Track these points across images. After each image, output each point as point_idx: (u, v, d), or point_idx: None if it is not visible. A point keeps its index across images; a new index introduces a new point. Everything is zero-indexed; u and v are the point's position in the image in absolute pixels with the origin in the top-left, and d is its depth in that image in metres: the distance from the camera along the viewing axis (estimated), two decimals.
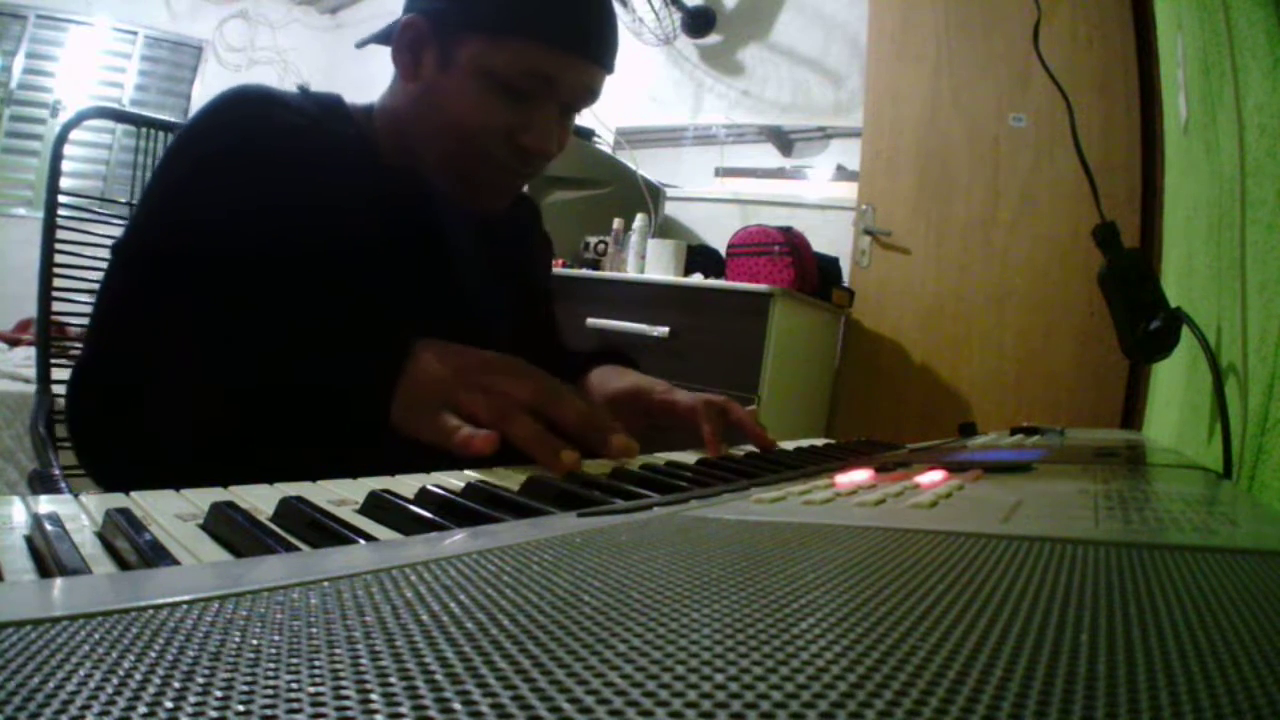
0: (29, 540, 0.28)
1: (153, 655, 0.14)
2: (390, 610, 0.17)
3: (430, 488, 0.40)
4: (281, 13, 4.21)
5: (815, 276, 2.26)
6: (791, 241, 2.19)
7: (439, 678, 0.12)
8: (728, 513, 0.31)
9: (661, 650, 0.13)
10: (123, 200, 1.28)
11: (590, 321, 2.19)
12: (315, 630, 0.15)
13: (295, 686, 0.12)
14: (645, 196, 2.67)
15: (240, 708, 0.11)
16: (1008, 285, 2.28)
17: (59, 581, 0.22)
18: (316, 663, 0.13)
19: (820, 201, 2.79)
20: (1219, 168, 0.77)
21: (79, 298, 1.13)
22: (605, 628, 0.15)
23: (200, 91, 3.94)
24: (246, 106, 0.71)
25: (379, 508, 0.36)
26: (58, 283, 1.12)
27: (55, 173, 1.14)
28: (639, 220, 2.39)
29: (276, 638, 0.15)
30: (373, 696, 0.12)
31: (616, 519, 0.31)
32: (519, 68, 0.69)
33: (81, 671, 0.13)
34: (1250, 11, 0.60)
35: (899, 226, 2.44)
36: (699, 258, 2.35)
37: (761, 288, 2.03)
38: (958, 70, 2.39)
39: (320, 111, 0.75)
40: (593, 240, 2.44)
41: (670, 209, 3.00)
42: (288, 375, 0.58)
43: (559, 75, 0.70)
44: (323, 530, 0.31)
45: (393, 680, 0.12)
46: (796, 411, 2.26)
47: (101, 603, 0.17)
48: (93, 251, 1.12)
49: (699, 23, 3.02)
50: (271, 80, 3.74)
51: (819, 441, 0.84)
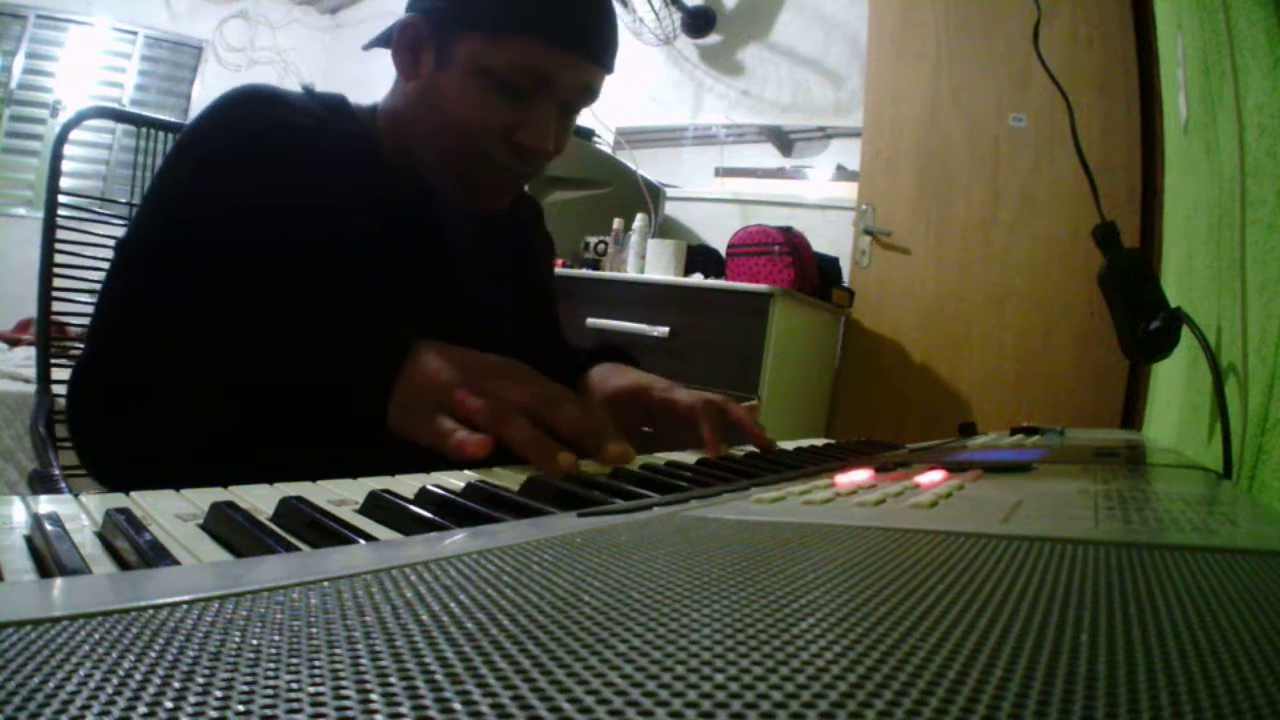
0: (29, 540, 0.28)
1: (153, 655, 0.14)
2: (390, 610, 0.17)
3: (430, 488, 0.40)
4: (281, 13, 4.21)
5: (815, 276, 2.26)
6: (791, 241, 2.19)
7: (439, 678, 0.12)
8: (728, 513, 0.31)
9: (661, 650, 0.13)
10: (123, 200, 1.28)
11: (590, 321, 2.19)
12: (315, 630, 0.15)
13: (295, 686, 0.12)
14: (645, 196, 2.67)
15: (240, 708, 0.11)
16: (1008, 285, 2.28)
17: (59, 581, 0.22)
18: (316, 663, 0.13)
19: (820, 201, 2.79)
20: (1219, 168, 0.77)
21: (79, 298, 1.13)
22: (605, 628, 0.15)
23: (200, 92, 3.94)
24: (252, 105, 0.71)
25: (379, 508, 0.36)
26: (58, 283, 1.12)
27: (55, 173, 1.14)
28: (639, 220, 2.39)
29: (276, 638, 0.15)
30: (373, 696, 0.12)
31: (616, 519, 0.31)
32: (516, 65, 0.69)
33: (81, 671, 0.13)
34: (1250, 11, 0.60)
35: (899, 226, 2.44)
36: (699, 258, 2.35)
37: (761, 288, 2.03)
38: (958, 70, 2.39)
39: (325, 111, 0.75)
40: (593, 240, 2.44)
41: (670, 209, 3.00)
42: (287, 374, 0.58)
43: (556, 73, 0.70)
44: (323, 530, 0.31)
45: (393, 680, 0.12)
46: (796, 411, 2.26)
47: (101, 603, 0.17)
48: (93, 251, 1.12)
49: (699, 23, 3.03)
50: (271, 80, 3.74)
51: (819, 441, 0.84)
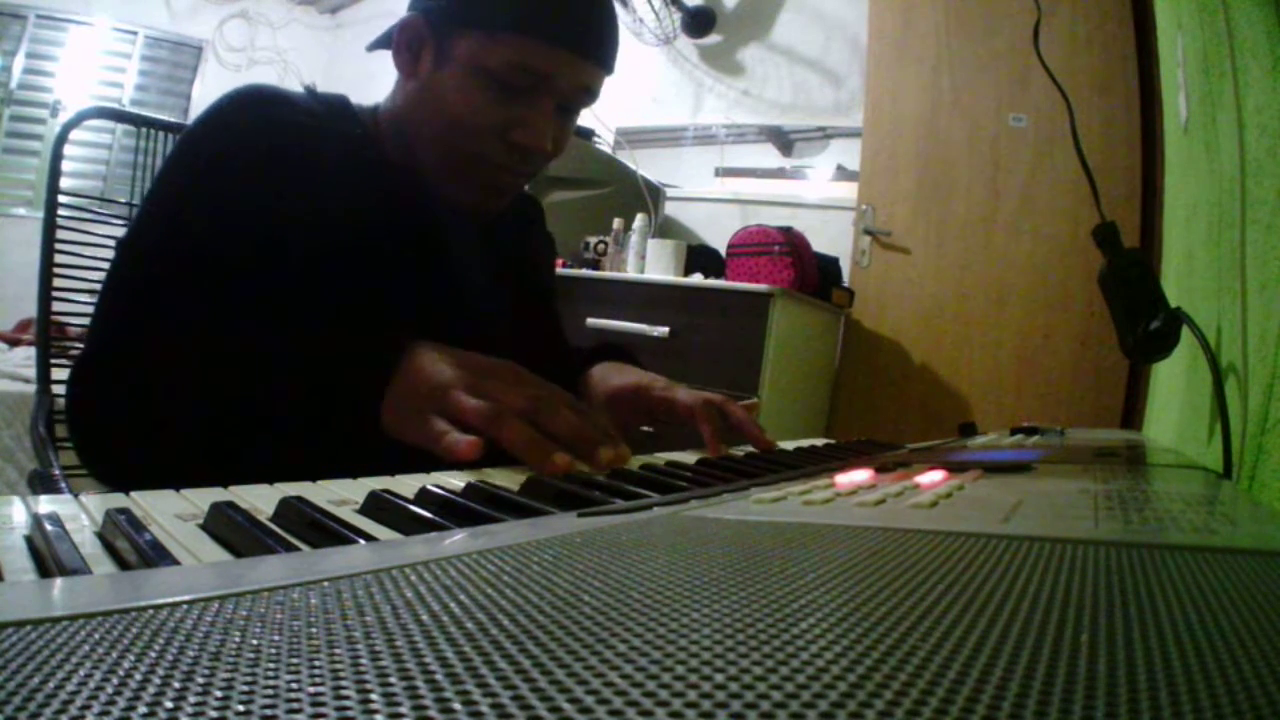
0: (29, 540, 0.28)
1: (153, 655, 0.14)
2: (390, 610, 0.17)
3: (430, 488, 0.40)
4: (281, 13, 4.21)
5: (815, 276, 2.26)
6: (791, 241, 2.19)
7: (439, 678, 0.12)
8: (728, 513, 0.31)
9: (661, 650, 0.13)
10: (123, 200, 1.27)
11: (590, 321, 2.19)
12: (315, 630, 0.15)
13: (295, 686, 0.12)
14: (645, 196, 2.67)
15: (240, 708, 0.11)
16: (1008, 285, 2.28)
17: (59, 581, 0.22)
18: (316, 663, 0.13)
19: (820, 201, 2.79)
20: (1219, 168, 0.77)
21: (79, 298, 1.13)
22: (605, 628, 0.15)
23: (200, 92, 3.94)
24: (254, 105, 0.71)
25: (379, 508, 0.36)
26: (58, 283, 1.12)
27: (55, 173, 1.14)
28: (639, 220, 2.39)
29: (276, 638, 0.15)
30: (373, 696, 0.12)
31: (616, 519, 0.31)
32: (513, 64, 0.69)
33: (81, 671, 0.13)
34: (1250, 11, 0.60)
35: (899, 226, 2.44)
36: (699, 258, 2.35)
37: (761, 288, 2.03)
38: (958, 70, 2.39)
39: (327, 111, 0.75)
40: (593, 240, 2.44)
41: (670, 209, 3.00)
42: (283, 374, 0.58)
43: (553, 72, 0.70)
44: (323, 530, 0.31)
45: (393, 680, 0.12)
46: (796, 411, 2.26)
47: (101, 603, 0.17)
48: (93, 251, 1.12)
49: (699, 23, 3.02)
50: (272, 80, 3.73)
51: (819, 441, 0.84)
